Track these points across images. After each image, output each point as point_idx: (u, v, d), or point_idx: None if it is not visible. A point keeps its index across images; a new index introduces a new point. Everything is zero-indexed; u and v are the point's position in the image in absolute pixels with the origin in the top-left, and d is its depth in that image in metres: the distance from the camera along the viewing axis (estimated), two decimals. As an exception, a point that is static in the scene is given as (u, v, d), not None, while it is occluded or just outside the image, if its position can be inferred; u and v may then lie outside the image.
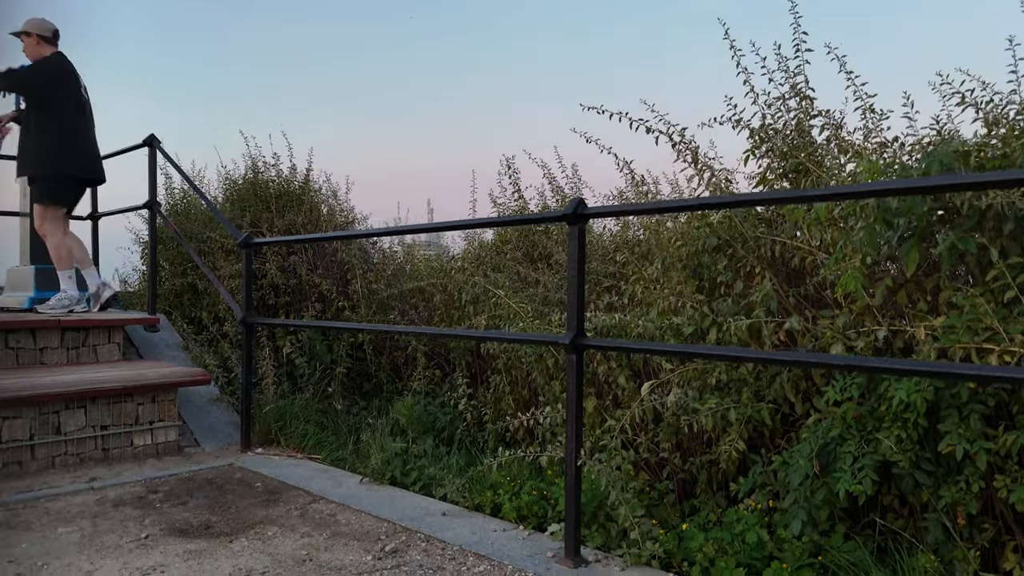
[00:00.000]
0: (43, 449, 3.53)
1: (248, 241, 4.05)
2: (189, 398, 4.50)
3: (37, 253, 5.33)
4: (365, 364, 5.49)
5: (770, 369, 2.61)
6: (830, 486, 2.15)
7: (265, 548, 2.60)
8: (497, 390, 4.28)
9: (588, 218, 2.42)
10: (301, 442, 4.20)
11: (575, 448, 2.43)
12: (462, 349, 4.80)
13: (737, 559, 2.24)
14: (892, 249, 2.25)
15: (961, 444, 1.92)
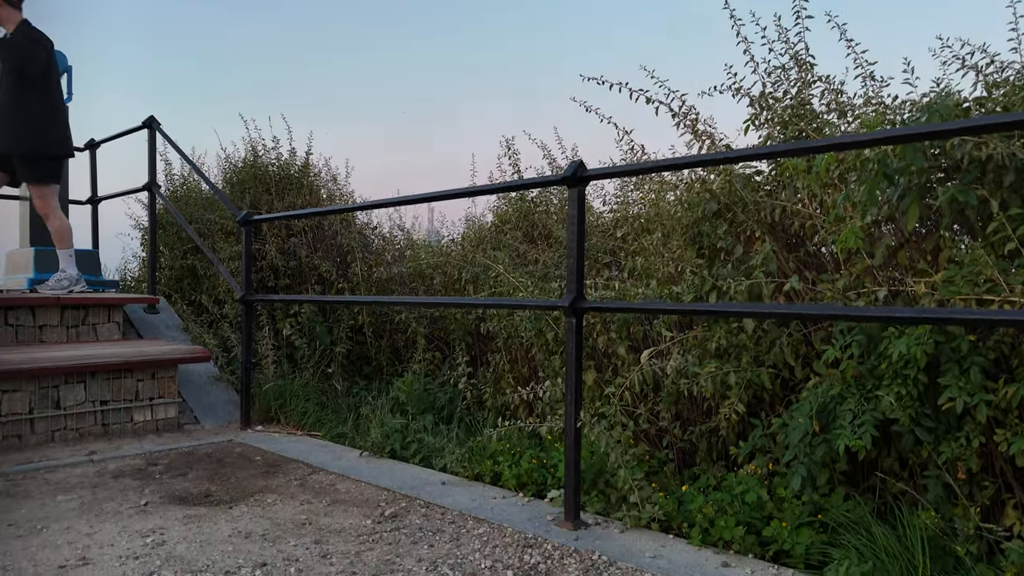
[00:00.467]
0: (42, 423, 3.53)
1: (248, 218, 4.05)
2: (189, 377, 4.50)
3: (37, 235, 5.33)
4: (365, 347, 5.49)
5: (770, 334, 2.61)
6: (830, 443, 2.15)
7: (265, 513, 2.60)
8: (497, 369, 4.27)
9: (588, 180, 2.41)
10: (301, 420, 4.19)
11: (575, 411, 2.42)
12: (462, 331, 4.79)
13: (737, 518, 2.23)
14: (892, 209, 2.24)
15: (961, 397, 1.91)
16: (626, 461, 2.45)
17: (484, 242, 4.68)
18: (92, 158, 6.00)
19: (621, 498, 2.59)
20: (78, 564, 2.11)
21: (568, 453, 2.43)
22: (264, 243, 5.21)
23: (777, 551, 2.19)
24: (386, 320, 5.50)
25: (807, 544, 2.11)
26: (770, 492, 2.36)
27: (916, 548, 1.96)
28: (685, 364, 2.56)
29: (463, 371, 4.30)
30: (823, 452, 2.14)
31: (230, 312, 5.15)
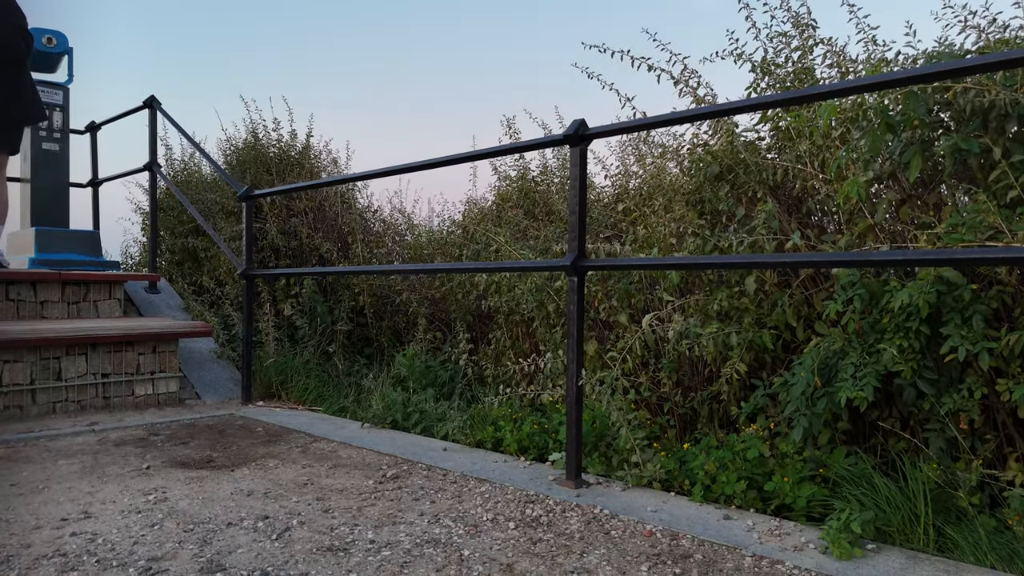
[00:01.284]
0: (43, 394, 3.53)
1: (249, 193, 4.05)
2: (190, 355, 4.50)
3: (38, 215, 5.33)
4: (366, 329, 5.49)
5: (771, 296, 2.61)
6: (832, 395, 2.14)
7: (266, 476, 2.60)
8: (498, 346, 4.27)
9: (590, 139, 2.41)
10: (302, 396, 4.20)
11: (576, 369, 2.42)
12: (463, 311, 4.79)
13: (739, 474, 2.23)
14: (894, 165, 2.24)
15: (963, 346, 1.91)
16: (628, 420, 2.45)
17: (485, 220, 4.68)
18: (93, 140, 6.00)
19: (622, 460, 2.59)
20: (80, 517, 2.11)
21: (570, 412, 2.43)
22: (265, 222, 5.21)
23: (779, 505, 2.19)
24: (387, 302, 5.50)
25: (808, 497, 2.11)
26: (772, 450, 2.36)
27: (918, 499, 1.96)
28: (687, 327, 2.56)
29: (464, 347, 4.30)
30: (824, 405, 2.14)
31: (231, 292, 5.15)
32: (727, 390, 2.72)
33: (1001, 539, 1.83)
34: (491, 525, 2.06)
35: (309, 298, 5.06)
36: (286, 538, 1.95)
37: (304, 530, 2.01)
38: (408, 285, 5.48)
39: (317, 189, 5.63)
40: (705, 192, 2.86)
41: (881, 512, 1.96)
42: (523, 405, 3.28)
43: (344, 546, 1.89)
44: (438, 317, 5.30)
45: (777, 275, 2.62)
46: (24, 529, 2.01)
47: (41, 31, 5.40)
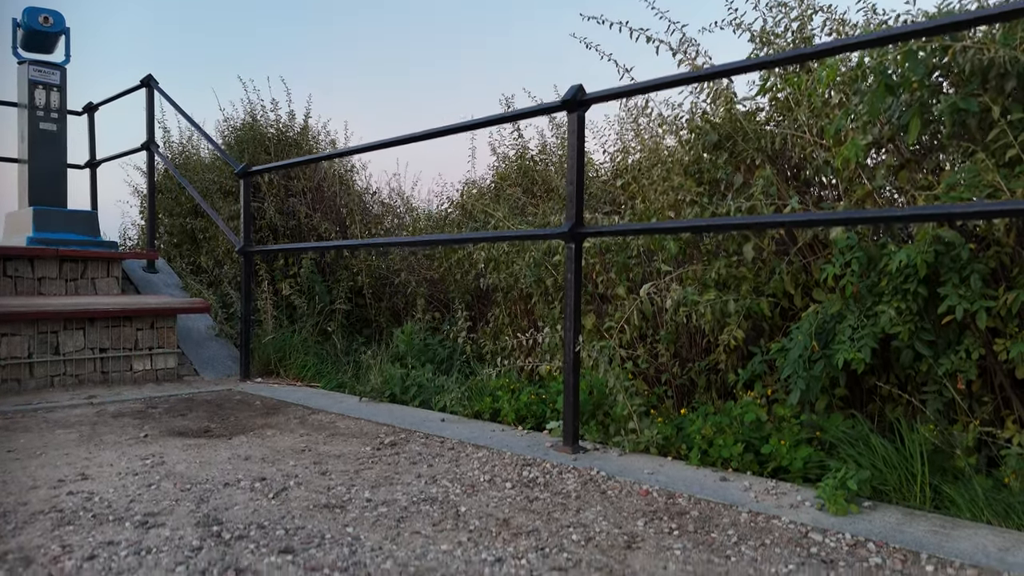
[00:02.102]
0: (41, 368, 3.53)
1: (246, 170, 4.04)
2: (188, 333, 4.50)
3: (35, 195, 5.31)
4: (365, 310, 5.49)
5: (769, 264, 2.60)
6: (829, 358, 2.14)
7: (264, 443, 2.61)
8: (496, 323, 4.27)
9: (588, 104, 2.40)
10: (300, 373, 4.20)
11: (573, 336, 2.42)
12: (461, 290, 4.79)
13: (735, 437, 2.23)
14: (893, 129, 2.23)
15: (961, 305, 1.91)
16: (625, 387, 2.45)
17: (484, 198, 4.67)
18: (90, 121, 5.98)
19: (619, 427, 2.59)
20: (77, 479, 2.12)
21: (567, 379, 2.43)
22: (263, 202, 5.20)
23: (775, 468, 2.19)
24: (385, 283, 5.50)
25: (805, 459, 2.11)
26: (769, 415, 2.36)
27: (915, 459, 1.96)
28: (685, 295, 2.56)
29: (463, 325, 4.30)
30: (822, 368, 2.14)
31: (229, 272, 5.14)
32: (724, 360, 2.72)
33: (997, 496, 1.83)
34: (488, 485, 2.06)
35: (307, 278, 5.05)
36: (283, 496, 1.95)
37: (301, 490, 2.01)
38: (407, 266, 5.48)
39: (316, 170, 5.62)
40: (703, 164, 2.86)
41: (877, 472, 1.96)
42: (521, 377, 3.28)
43: (341, 504, 1.89)
44: (436, 298, 5.30)
45: (775, 243, 2.62)
46: (21, 489, 2.01)
47: (38, 11, 5.37)
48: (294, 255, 5.37)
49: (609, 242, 3.27)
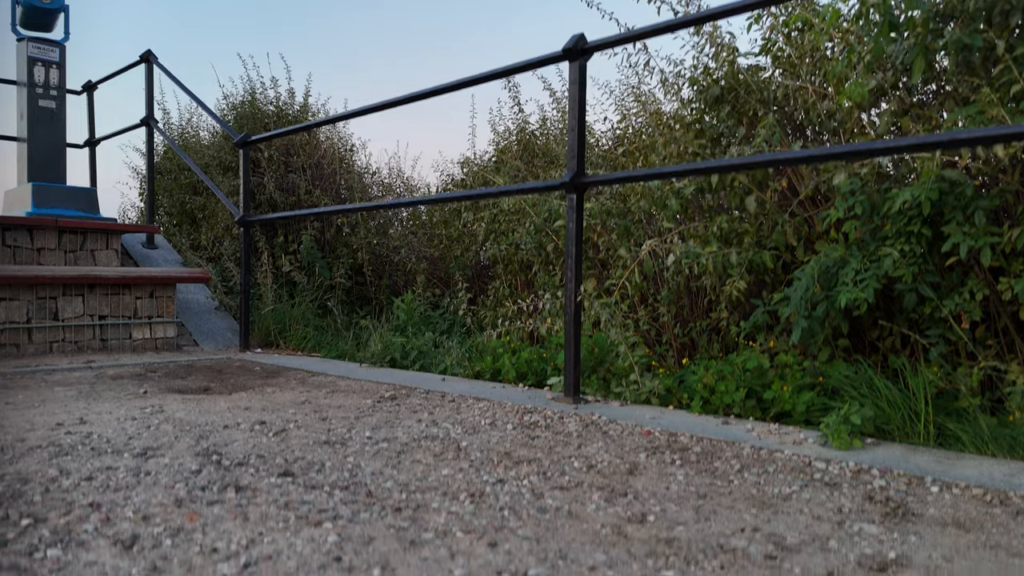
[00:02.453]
0: (40, 334, 3.51)
1: (246, 139, 4.03)
2: (188, 305, 4.49)
3: (35, 172, 5.29)
4: (365, 288, 5.48)
5: (771, 217, 2.59)
6: (832, 300, 2.13)
7: (264, 398, 2.59)
8: (497, 295, 4.26)
9: (589, 53, 2.39)
10: (300, 344, 4.18)
11: (574, 287, 2.41)
12: (462, 265, 4.78)
13: (737, 383, 2.22)
14: (897, 74, 2.22)
15: (965, 242, 1.90)
16: (627, 336, 2.44)
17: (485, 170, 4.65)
18: (89, 100, 5.96)
19: (621, 381, 2.58)
20: (76, 423, 2.10)
21: (568, 330, 2.42)
22: (263, 176, 5.18)
23: (777, 414, 2.18)
24: (385, 261, 5.49)
25: (807, 403, 2.10)
26: (772, 364, 2.35)
27: (919, 398, 1.95)
28: (687, 249, 2.54)
29: (463, 296, 4.29)
30: (824, 309, 2.12)
31: (229, 248, 5.13)
32: (726, 317, 2.70)
33: (1002, 431, 1.81)
34: (489, 427, 2.05)
35: (307, 254, 5.04)
36: (283, 435, 1.94)
37: (301, 431, 2.00)
38: (406, 243, 5.47)
39: (315, 147, 5.61)
40: (705, 124, 2.84)
41: (881, 411, 1.95)
42: (522, 339, 3.27)
43: (341, 440, 1.88)
44: (436, 276, 5.29)
45: (777, 195, 2.61)
46: (19, 430, 2.00)
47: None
48: (294, 232, 5.36)
49: (610, 206, 3.26)
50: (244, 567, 1.04)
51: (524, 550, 1.13)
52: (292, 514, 1.27)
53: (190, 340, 4.16)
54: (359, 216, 5.43)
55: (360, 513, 1.28)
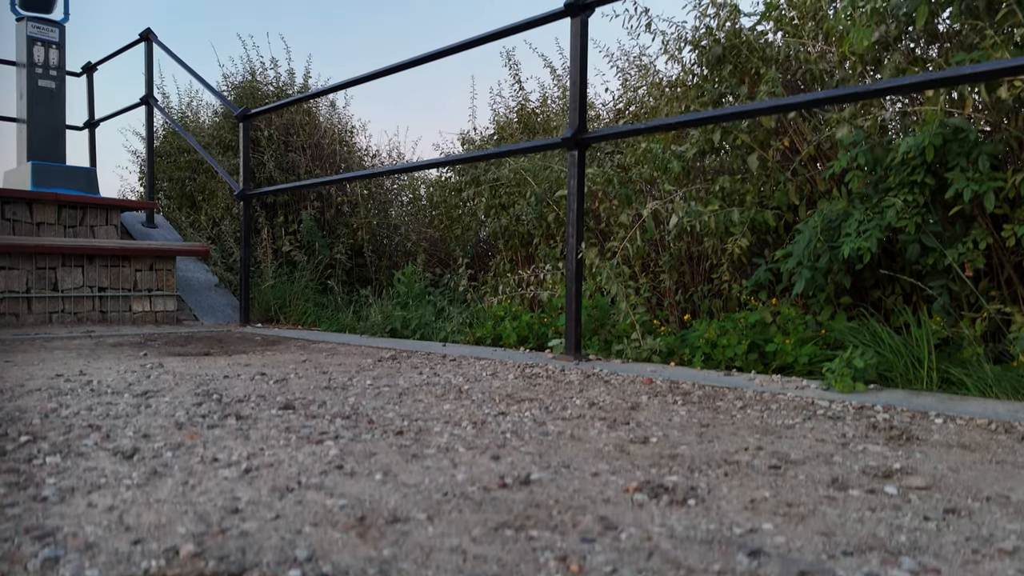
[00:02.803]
0: (40, 304, 3.51)
1: (245, 113, 4.02)
2: (188, 282, 4.48)
3: (34, 151, 5.28)
4: (365, 269, 5.47)
5: (773, 177, 2.58)
6: (835, 250, 2.12)
7: (264, 358, 2.59)
8: (497, 271, 4.25)
9: (591, 8, 2.37)
10: (301, 319, 4.18)
11: (576, 244, 2.40)
12: (463, 243, 4.77)
13: (739, 337, 2.21)
14: (900, 27, 2.21)
15: (969, 187, 1.89)
16: (627, 295, 2.43)
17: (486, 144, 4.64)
18: (89, 81, 5.95)
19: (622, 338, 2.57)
20: (75, 375, 2.10)
21: (569, 288, 2.41)
22: (263, 154, 5.17)
23: (780, 366, 2.17)
24: (386, 242, 5.47)
25: (810, 355, 2.09)
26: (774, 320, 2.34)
27: (923, 347, 1.94)
28: (689, 209, 2.53)
29: (464, 272, 4.28)
30: (827, 260, 2.12)
31: (229, 227, 5.11)
32: (728, 280, 2.69)
33: (1006, 376, 1.81)
34: (490, 377, 2.04)
35: (307, 233, 5.02)
36: (283, 383, 1.93)
37: (302, 380, 1.99)
38: (407, 224, 5.46)
39: (315, 128, 5.60)
40: (707, 87, 2.83)
41: (883, 358, 1.94)
42: (522, 306, 3.26)
43: (342, 387, 1.87)
44: (436, 257, 5.28)
45: (780, 155, 2.60)
46: (18, 379, 1.99)
47: (36, -33, 5.33)
48: (294, 212, 5.35)
49: (611, 174, 3.25)
50: (245, 472, 1.03)
51: (527, 461, 1.12)
52: (293, 435, 1.27)
53: (190, 315, 4.15)
54: (359, 196, 5.42)
55: (362, 435, 1.28)
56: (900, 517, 0.88)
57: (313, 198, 5.33)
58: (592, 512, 0.88)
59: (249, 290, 4.04)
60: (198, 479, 0.99)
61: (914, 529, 0.84)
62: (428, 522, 0.84)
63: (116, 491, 0.93)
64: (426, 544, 0.77)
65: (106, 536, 0.78)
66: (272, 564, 0.71)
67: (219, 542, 0.77)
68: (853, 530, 0.83)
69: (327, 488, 0.96)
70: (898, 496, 0.96)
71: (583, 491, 0.96)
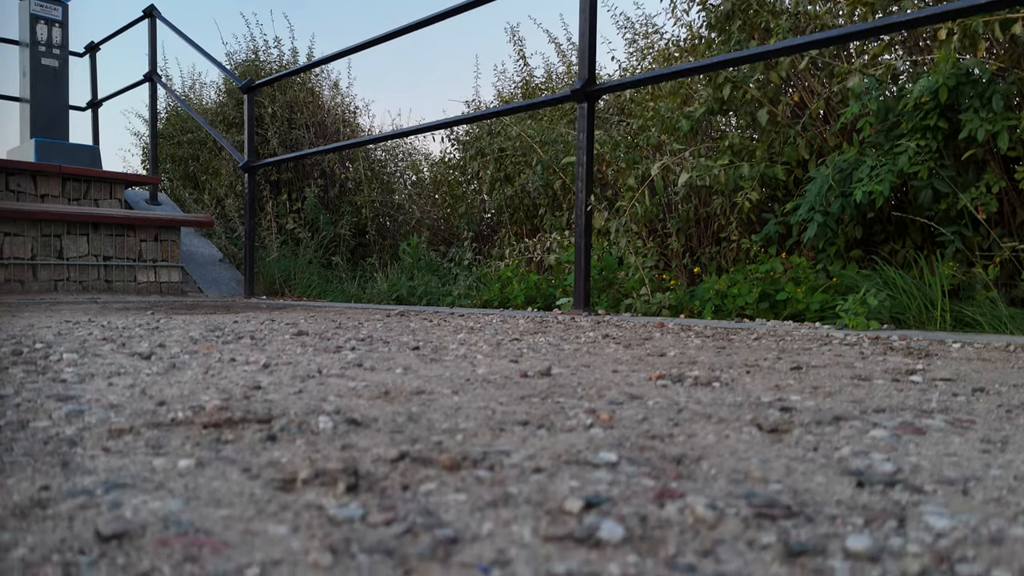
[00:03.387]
0: (45, 271, 3.50)
1: (250, 84, 4.01)
2: (193, 257, 4.47)
3: (38, 127, 5.27)
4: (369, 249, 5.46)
5: (782, 132, 2.57)
6: (847, 196, 2.11)
7: (268, 317, 2.58)
8: (502, 244, 4.24)
9: (599, -40, 2.36)
10: (305, 291, 4.17)
11: (584, 197, 2.39)
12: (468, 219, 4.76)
13: (750, 287, 2.20)
14: (911, -25, 2.20)
15: (983, 127, 1.88)
16: (637, 248, 2.42)
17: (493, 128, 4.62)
18: (92, 61, 5.93)
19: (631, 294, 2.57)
20: (84, 322, 2.09)
21: (578, 243, 2.40)
22: (267, 132, 5.16)
23: (791, 315, 2.16)
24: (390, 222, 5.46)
25: (821, 303, 2.08)
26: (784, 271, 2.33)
27: (936, 289, 1.93)
28: (698, 164, 2.52)
29: (468, 246, 4.27)
30: (839, 206, 2.11)
31: (233, 205, 5.10)
32: (736, 239, 2.68)
33: (1020, 314, 1.80)
34: (500, 323, 2.03)
35: (311, 210, 5.01)
36: (294, 325, 1.92)
37: (312, 325, 1.99)
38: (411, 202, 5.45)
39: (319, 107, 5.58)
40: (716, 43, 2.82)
41: (896, 301, 1.93)
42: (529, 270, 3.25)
43: (354, 327, 1.86)
44: (440, 235, 5.27)
45: (790, 111, 2.59)
46: (28, 325, 1.98)
47: (39, -56, 5.32)
48: (297, 190, 5.33)
49: (619, 139, 3.24)
50: (264, 367, 1.02)
51: (545, 362, 1.11)
52: (310, 348, 1.26)
53: (194, 287, 4.14)
54: (363, 175, 5.40)
55: (378, 348, 1.27)
56: (928, 395, 0.87)
57: (317, 176, 5.32)
58: (617, 389, 0.87)
59: (254, 263, 4.03)
60: (218, 371, 0.98)
61: (944, 401, 0.83)
62: (453, 394, 0.83)
63: (136, 377, 0.92)
64: (452, 406, 0.76)
65: (130, 401, 0.77)
66: (300, 414, 0.70)
67: (244, 404, 0.76)
68: (883, 401, 0.82)
69: (348, 376, 0.95)
70: (924, 383, 0.95)
71: (604, 379, 0.95)
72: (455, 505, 0.44)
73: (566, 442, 0.60)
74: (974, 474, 0.52)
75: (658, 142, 3.05)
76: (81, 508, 0.43)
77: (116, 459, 0.54)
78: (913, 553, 0.36)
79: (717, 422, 0.69)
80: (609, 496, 0.45)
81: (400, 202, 5.34)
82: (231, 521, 0.41)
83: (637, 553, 0.36)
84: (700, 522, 0.41)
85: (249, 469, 0.52)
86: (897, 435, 0.63)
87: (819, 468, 0.53)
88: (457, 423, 0.67)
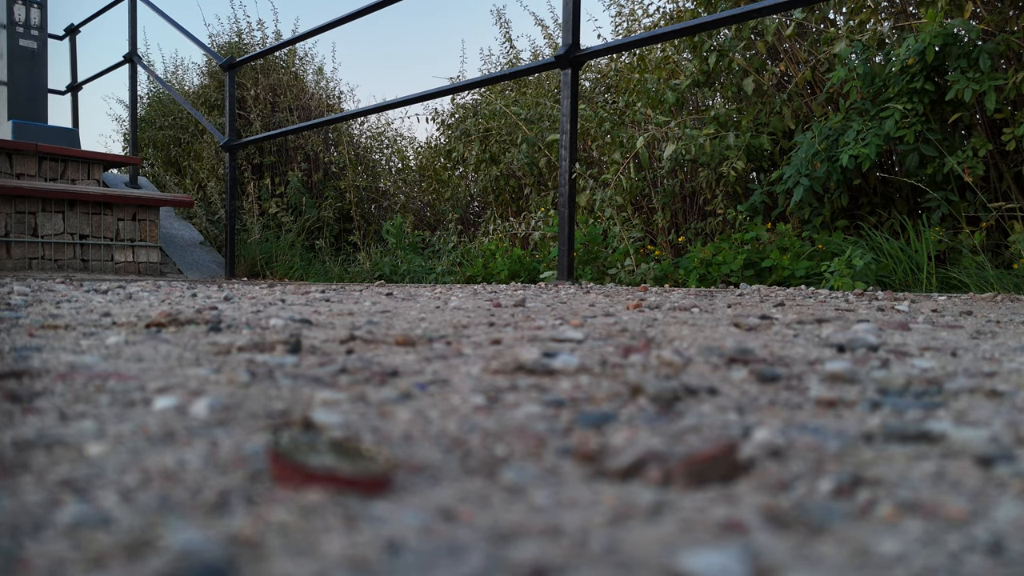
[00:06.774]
0: (19, 249, 3.42)
1: (231, 62, 3.94)
2: (173, 239, 4.40)
3: (15, 109, 5.17)
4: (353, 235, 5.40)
5: (768, 104, 2.54)
6: (833, 161, 2.08)
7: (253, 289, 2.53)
8: (487, 225, 4.20)
9: (583, -76, 2.32)
10: (287, 273, 4.11)
11: (568, 165, 2.35)
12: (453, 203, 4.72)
13: (735, 254, 2.18)
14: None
15: (970, 87, 1.86)
16: (622, 219, 2.39)
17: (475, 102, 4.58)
18: (72, 45, 5.83)
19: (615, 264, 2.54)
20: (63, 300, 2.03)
21: (562, 211, 2.36)
22: (249, 114, 5.09)
23: (776, 282, 2.14)
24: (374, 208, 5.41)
25: (807, 270, 2.06)
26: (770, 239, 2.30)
27: (922, 254, 1.91)
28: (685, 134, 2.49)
29: (454, 228, 4.22)
30: (825, 170, 2.08)
31: (215, 188, 5.03)
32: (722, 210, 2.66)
33: (1006, 275, 1.78)
34: (482, 288, 2.00)
35: (294, 195, 4.95)
36: (279, 293, 1.87)
37: (298, 297, 1.94)
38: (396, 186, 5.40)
39: (303, 91, 5.51)
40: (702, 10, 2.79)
41: (882, 264, 1.91)
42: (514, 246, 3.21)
43: (338, 300, 1.82)
44: (425, 220, 5.23)
45: (776, 80, 2.56)
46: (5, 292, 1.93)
47: (16, -76, 5.21)
48: (280, 175, 5.27)
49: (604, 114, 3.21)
50: (225, 299, 0.98)
51: (520, 297, 1.07)
52: (277, 290, 1.22)
53: (174, 269, 4.08)
54: (348, 159, 5.34)
55: (351, 293, 1.23)
56: (915, 316, 0.84)
57: (300, 160, 5.26)
58: (592, 311, 0.84)
59: (235, 245, 3.97)
60: (175, 301, 0.94)
61: (930, 317, 0.80)
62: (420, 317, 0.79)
63: (88, 304, 0.88)
64: (416, 318, 0.72)
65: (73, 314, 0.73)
66: (251, 321, 0.66)
67: (194, 315, 0.72)
68: (868, 316, 0.79)
69: (314, 308, 0.91)
70: (910, 312, 0.92)
71: (581, 309, 0.92)
72: (402, 361, 0.40)
73: (531, 330, 0.56)
74: (964, 347, 0.48)
75: (644, 117, 3.02)
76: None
77: (39, 340, 0.49)
78: (898, 376, 0.33)
79: (692, 326, 0.66)
80: (571, 352, 0.42)
81: (385, 188, 5.29)
82: (149, 369, 0.37)
83: (591, 376, 0.33)
84: (667, 364, 0.37)
85: (183, 346, 0.47)
86: (882, 330, 0.60)
87: (799, 344, 0.49)
88: (420, 326, 0.64)
